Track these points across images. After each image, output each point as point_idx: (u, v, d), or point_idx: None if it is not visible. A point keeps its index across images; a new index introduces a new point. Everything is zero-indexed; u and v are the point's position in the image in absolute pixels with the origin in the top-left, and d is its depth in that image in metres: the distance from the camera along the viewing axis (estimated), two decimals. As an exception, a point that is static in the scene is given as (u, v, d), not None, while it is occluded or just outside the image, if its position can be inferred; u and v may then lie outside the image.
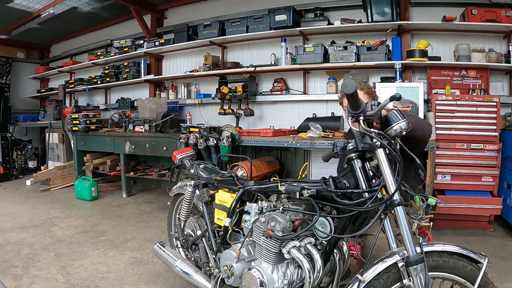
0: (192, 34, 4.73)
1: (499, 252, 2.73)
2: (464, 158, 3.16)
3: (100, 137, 4.68)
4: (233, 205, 1.72)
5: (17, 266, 2.50)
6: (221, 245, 1.81)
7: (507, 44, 3.58)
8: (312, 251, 1.37)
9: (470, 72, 3.63)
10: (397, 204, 1.23)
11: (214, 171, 2.10)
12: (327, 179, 1.40)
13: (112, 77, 5.62)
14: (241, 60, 4.68)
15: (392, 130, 1.25)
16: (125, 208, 4.13)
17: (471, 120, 3.16)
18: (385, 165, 1.25)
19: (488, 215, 3.22)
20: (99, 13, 5.54)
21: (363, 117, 1.27)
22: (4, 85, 6.43)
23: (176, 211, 2.42)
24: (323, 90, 4.23)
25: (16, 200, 4.49)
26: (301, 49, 3.95)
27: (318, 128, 3.41)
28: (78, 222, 3.54)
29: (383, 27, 3.72)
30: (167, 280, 2.32)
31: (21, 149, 6.20)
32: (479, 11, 3.43)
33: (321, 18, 3.96)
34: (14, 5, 5.05)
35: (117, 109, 5.51)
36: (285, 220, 1.40)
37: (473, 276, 1.20)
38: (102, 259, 2.66)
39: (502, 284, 2.16)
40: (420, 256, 1.18)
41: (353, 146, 1.32)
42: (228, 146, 3.38)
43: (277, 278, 1.42)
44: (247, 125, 4.64)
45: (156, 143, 4.17)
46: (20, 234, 3.18)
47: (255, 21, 4.21)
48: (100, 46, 6.13)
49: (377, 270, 1.23)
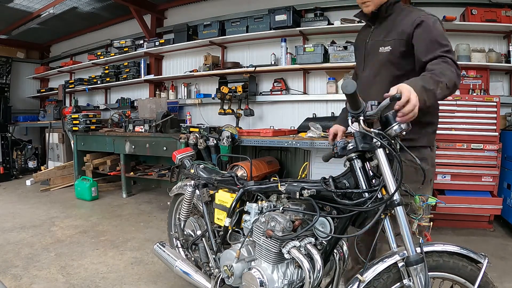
0: (192, 34, 4.73)
1: (499, 252, 2.73)
2: (464, 158, 3.16)
3: (100, 137, 4.69)
4: (233, 205, 1.72)
5: (17, 266, 2.50)
6: (221, 245, 1.81)
7: (507, 44, 3.58)
8: (312, 251, 1.37)
9: (470, 72, 3.63)
10: (397, 204, 1.23)
11: (214, 171, 2.10)
12: (327, 179, 1.40)
13: (112, 77, 5.62)
14: (241, 60, 4.68)
15: (392, 130, 1.25)
16: (125, 208, 4.13)
17: (471, 120, 3.16)
18: (385, 165, 1.25)
19: (488, 215, 3.22)
20: (99, 13, 5.54)
21: (363, 117, 1.27)
22: (4, 85, 6.44)
23: (176, 211, 2.42)
24: (323, 90, 4.23)
25: (16, 200, 4.50)
26: (301, 49, 3.95)
27: (318, 128, 3.41)
28: (78, 222, 3.54)
29: (383, 27, 3.72)
30: (167, 280, 2.33)
31: (21, 149, 6.20)
32: (479, 11, 3.43)
33: (321, 18, 3.95)
34: (14, 5, 5.06)
35: (117, 109, 5.52)
36: (285, 220, 1.40)
37: (473, 276, 1.20)
38: (102, 259, 2.66)
39: (502, 284, 2.16)
40: (420, 256, 1.18)
41: (353, 146, 1.32)
42: (228, 146, 3.38)
43: (277, 278, 1.42)
44: (247, 125, 4.64)
45: (156, 143, 4.18)
46: (20, 234, 3.18)
47: (255, 21, 4.21)
48: (100, 46, 6.14)
49: (377, 270, 1.23)
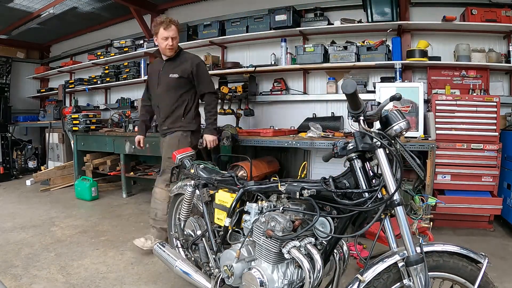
0: (192, 34, 4.73)
1: (499, 252, 2.73)
2: (464, 158, 3.16)
3: (100, 137, 4.68)
4: (233, 205, 1.72)
5: (17, 266, 2.50)
6: (221, 245, 1.81)
7: (507, 44, 3.58)
8: (312, 251, 1.37)
9: (470, 72, 3.63)
10: (397, 204, 1.23)
11: (214, 171, 2.10)
12: (327, 179, 1.40)
13: (112, 77, 5.62)
14: (241, 60, 4.68)
15: (392, 130, 1.26)
16: (125, 208, 4.13)
17: (471, 120, 3.16)
18: (385, 165, 1.25)
19: (488, 215, 3.21)
20: (99, 13, 5.54)
21: (363, 117, 1.27)
22: (4, 85, 6.42)
23: (176, 211, 2.42)
24: (323, 90, 4.23)
25: (16, 200, 4.49)
26: (301, 49, 3.95)
27: (318, 128, 3.41)
28: (78, 222, 3.54)
29: (383, 27, 3.72)
30: (167, 280, 2.32)
31: (21, 149, 6.20)
32: (479, 11, 3.42)
33: (321, 18, 3.96)
34: (14, 5, 5.05)
35: (117, 109, 5.51)
36: (285, 220, 1.40)
37: (473, 276, 1.20)
38: (102, 259, 2.66)
39: (502, 284, 2.16)
40: (420, 256, 1.18)
41: (353, 146, 1.32)
42: (228, 146, 3.37)
43: (277, 278, 1.42)
44: (247, 125, 4.64)
45: (156, 143, 4.17)
46: (20, 234, 3.18)
47: (255, 21, 4.21)
48: (100, 46, 6.13)
49: (377, 270, 1.23)
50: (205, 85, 2.87)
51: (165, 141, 2.85)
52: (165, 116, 2.82)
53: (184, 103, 2.82)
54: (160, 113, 2.85)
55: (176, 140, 2.78)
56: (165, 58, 2.78)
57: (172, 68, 2.76)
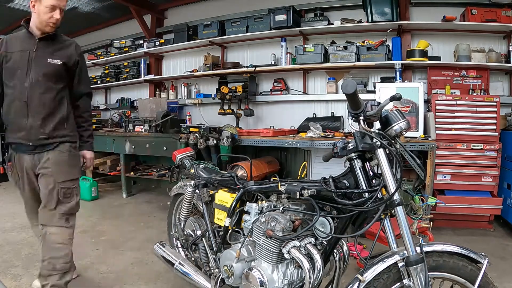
0: (192, 34, 4.73)
1: (499, 252, 2.73)
2: (464, 158, 3.16)
3: (100, 137, 4.68)
4: (233, 205, 1.72)
5: (17, 266, 2.50)
6: (221, 245, 1.81)
7: (507, 44, 3.58)
8: (312, 251, 1.37)
9: (470, 72, 3.63)
10: (397, 204, 1.23)
11: (214, 171, 2.10)
12: (327, 179, 1.40)
13: (112, 77, 5.62)
14: (241, 60, 4.68)
15: (392, 130, 1.26)
16: (125, 208, 4.13)
17: (471, 120, 3.17)
18: (385, 165, 1.25)
19: (488, 215, 3.22)
20: (99, 13, 5.54)
21: (363, 117, 1.27)
22: (4, 85, 6.41)
23: (176, 211, 2.42)
24: (323, 90, 4.23)
25: (16, 200, 4.48)
26: (301, 49, 3.95)
27: (318, 128, 3.41)
28: (78, 222, 3.49)
29: (383, 27, 3.73)
30: (167, 280, 2.33)
31: (21, 149, 6.18)
32: (479, 11, 3.43)
33: (321, 18, 3.96)
34: (14, 5, 5.06)
35: (117, 109, 5.51)
36: (285, 220, 1.41)
37: (473, 276, 1.20)
38: (102, 259, 2.66)
39: (502, 284, 2.16)
40: (420, 256, 1.18)
41: (353, 146, 1.32)
42: (228, 146, 3.38)
43: (277, 278, 1.42)
44: (247, 125, 4.64)
45: (156, 143, 4.18)
46: (20, 234, 3.18)
47: (255, 21, 4.21)
48: (100, 46, 6.13)
49: (377, 270, 1.23)
50: (86, 83, 2.15)
51: (50, 159, 1.91)
52: (41, 118, 1.89)
53: (64, 102, 1.99)
54: (28, 112, 1.87)
55: (66, 157, 1.96)
56: (39, 34, 1.91)
57: (51, 52, 1.93)
